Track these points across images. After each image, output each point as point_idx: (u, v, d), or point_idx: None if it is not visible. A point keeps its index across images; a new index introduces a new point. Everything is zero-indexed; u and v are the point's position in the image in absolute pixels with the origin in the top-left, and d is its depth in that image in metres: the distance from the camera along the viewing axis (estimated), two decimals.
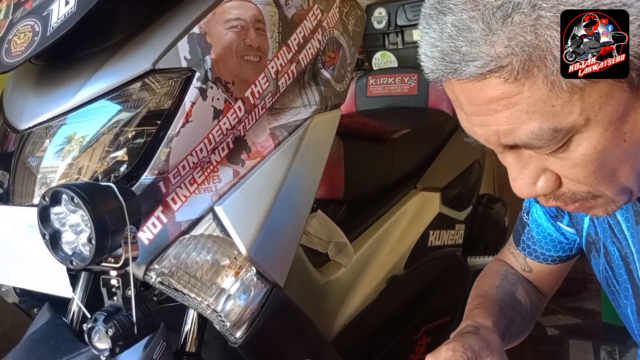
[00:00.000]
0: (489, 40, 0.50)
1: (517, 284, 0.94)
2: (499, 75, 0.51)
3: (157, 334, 0.85)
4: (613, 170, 0.56)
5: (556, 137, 0.53)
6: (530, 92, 0.51)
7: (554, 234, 0.90)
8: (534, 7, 0.49)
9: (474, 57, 0.51)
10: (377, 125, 1.59)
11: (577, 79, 0.50)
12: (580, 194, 0.59)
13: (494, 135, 0.56)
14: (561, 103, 0.51)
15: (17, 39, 0.86)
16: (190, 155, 0.88)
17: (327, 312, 1.28)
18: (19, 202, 0.89)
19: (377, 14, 2.44)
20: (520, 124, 0.53)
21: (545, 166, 0.58)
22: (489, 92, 0.52)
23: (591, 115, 0.52)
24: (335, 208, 1.49)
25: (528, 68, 0.50)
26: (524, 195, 0.60)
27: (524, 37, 0.49)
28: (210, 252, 0.90)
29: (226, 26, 0.91)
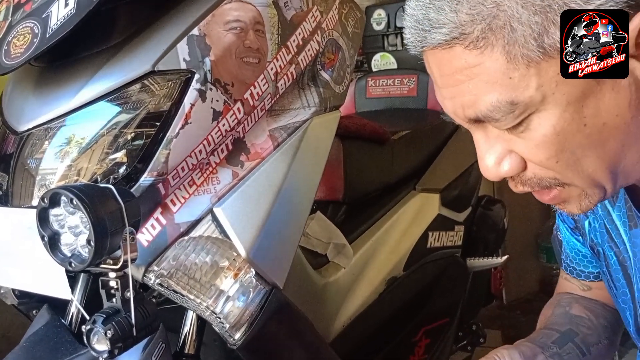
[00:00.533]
0: (454, 8, 0.52)
1: (572, 303, 0.91)
2: (462, 42, 0.53)
3: (156, 336, 0.85)
4: (577, 157, 0.56)
5: (514, 111, 0.54)
6: (490, 62, 0.52)
7: (583, 249, 0.87)
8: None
9: (440, 24, 0.53)
10: (377, 126, 1.59)
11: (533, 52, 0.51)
12: (547, 179, 0.59)
13: (459, 107, 0.57)
14: (519, 75, 0.52)
15: (17, 41, 0.86)
16: (190, 156, 0.88)
17: (326, 314, 1.28)
18: (17, 204, 0.88)
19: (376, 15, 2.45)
20: (481, 95, 0.54)
21: (511, 147, 0.58)
22: (455, 61, 0.54)
23: (548, 92, 0.52)
24: (335, 209, 1.49)
25: (487, 37, 0.52)
26: (491, 176, 0.61)
27: (485, 5, 0.51)
28: (210, 254, 0.90)
29: (225, 28, 0.91)
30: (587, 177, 0.58)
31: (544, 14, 0.50)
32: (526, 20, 0.50)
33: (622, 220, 0.73)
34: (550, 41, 0.51)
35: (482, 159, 0.61)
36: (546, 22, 0.50)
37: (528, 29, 0.50)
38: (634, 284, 0.75)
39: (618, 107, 0.53)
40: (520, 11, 0.50)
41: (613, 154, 0.56)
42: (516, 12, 0.50)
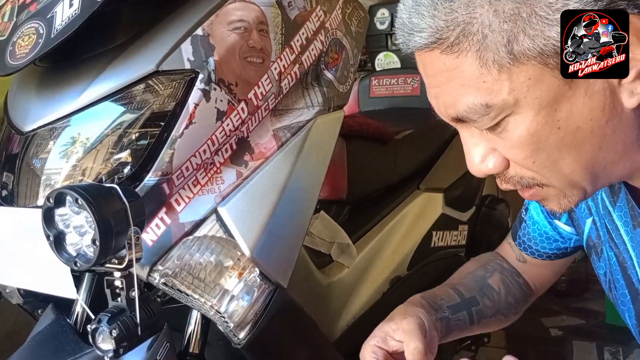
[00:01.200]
0: (432, 14, 0.55)
1: (495, 272, 0.97)
2: (439, 47, 0.56)
3: (160, 335, 0.85)
4: (554, 158, 0.58)
5: (489, 113, 0.56)
6: (465, 66, 0.55)
7: (550, 232, 0.92)
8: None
9: (421, 29, 0.56)
10: (380, 126, 1.59)
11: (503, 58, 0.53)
12: (527, 179, 0.62)
13: (442, 106, 0.60)
14: (491, 80, 0.54)
15: (22, 41, 0.86)
16: (194, 156, 0.88)
17: (330, 313, 1.28)
18: (23, 204, 0.89)
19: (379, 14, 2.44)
20: (459, 96, 0.57)
21: (493, 146, 0.61)
22: (435, 64, 0.57)
23: (520, 96, 0.54)
24: (338, 209, 1.49)
25: (461, 43, 0.54)
26: (476, 173, 0.64)
27: (459, 12, 0.54)
28: (214, 253, 0.90)
29: (229, 28, 0.91)
30: (565, 178, 0.60)
31: (513, 22, 0.52)
32: (496, 28, 0.52)
33: (623, 220, 0.73)
34: (520, 48, 0.52)
35: (468, 155, 0.64)
36: (515, 30, 0.52)
37: (498, 36, 0.53)
38: (635, 284, 0.75)
39: (591, 111, 0.55)
40: (491, 19, 0.52)
41: (590, 155, 0.58)
42: (487, 19, 0.53)
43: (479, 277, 0.96)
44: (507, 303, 0.96)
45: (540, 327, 2.39)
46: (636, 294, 0.75)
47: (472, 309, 0.91)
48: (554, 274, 1.00)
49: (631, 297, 0.76)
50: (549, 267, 0.97)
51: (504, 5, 0.52)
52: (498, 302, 0.94)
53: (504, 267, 0.99)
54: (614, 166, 0.60)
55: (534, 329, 2.38)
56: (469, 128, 0.61)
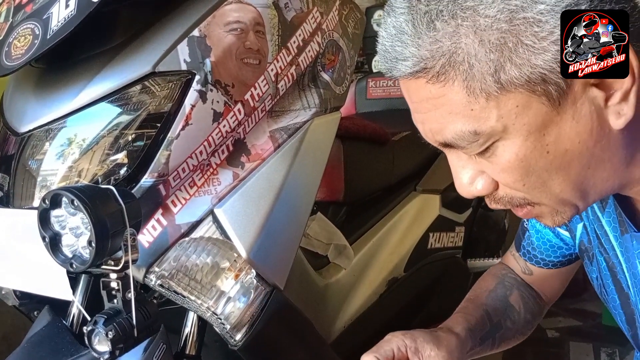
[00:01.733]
0: (416, 43, 0.54)
1: (513, 288, 0.95)
2: (425, 76, 0.55)
3: (157, 337, 0.85)
4: (543, 180, 0.58)
5: (478, 140, 0.56)
6: (452, 94, 0.55)
7: (553, 240, 0.91)
8: (454, 16, 0.52)
9: (405, 57, 0.55)
10: (377, 127, 1.59)
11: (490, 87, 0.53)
12: (517, 199, 0.62)
13: (429, 132, 0.60)
14: (479, 108, 0.54)
15: (18, 42, 0.86)
16: (190, 157, 0.88)
17: (327, 315, 1.28)
18: (19, 205, 0.89)
19: (376, 16, 2.44)
20: (446, 124, 0.57)
21: (481, 169, 0.61)
22: (421, 91, 0.57)
23: (508, 123, 0.54)
24: (335, 210, 1.49)
25: (447, 72, 0.54)
26: (465, 194, 0.63)
27: (444, 42, 0.53)
28: (210, 255, 0.90)
29: (226, 29, 0.91)
30: (555, 197, 0.60)
31: (500, 51, 0.52)
32: (483, 58, 0.52)
33: (611, 226, 0.73)
34: (507, 77, 0.52)
35: (457, 178, 0.63)
36: (502, 59, 0.52)
37: (485, 65, 0.52)
38: (625, 289, 0.75)
39: (579, 134, 0.55)
40: (477, 49, 0.52)
41: (578, 175, 0.58)
42: (473, 49, 0.52)
43: (501, 297, 0.93)
44: (525, 321, 0.94)
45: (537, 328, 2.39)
46: (626, 299, 0.76)
47: (496, 335, 0.89)
48: (561, 283, 0.99)
49: (621, 302, 0.77)
50: (556, 276, 0.96)
51: (490, 35, 0.52)
52: (518, 322, 0.93)
53: (519, 281, 0.97)
54: (604, 183, 0.60)
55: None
56: (456, 152, 0.61)
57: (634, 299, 0.74)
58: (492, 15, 0.51)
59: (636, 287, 0.72)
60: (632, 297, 0.74)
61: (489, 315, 0.89)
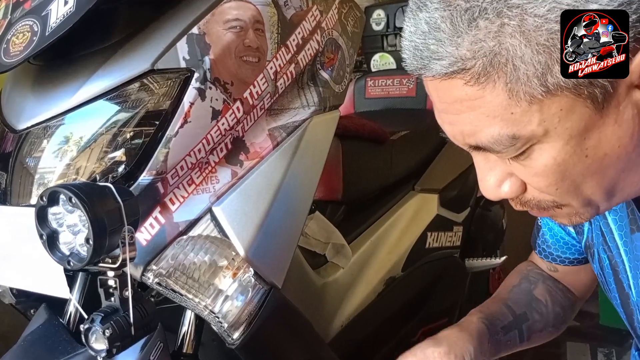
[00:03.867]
0: (454, 42, 0.51)
1: (538, 282, 0.94)
2: (462, 77, 0.52)
3: (154, 335, 0.85)
4: (577, 184, 0.56)
5: (515, 144, 0.54)
6: (491, 97, 0.52)
7: (565, 237, 0.89)
8: (499, 14, 0.49)
9: (440, 56, 0.52)
10: (376, 126, 1.59)
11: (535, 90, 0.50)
12: (545, 202, 0.60)
13: (459, 134, 0.57)
14: (520, 111, 0.52)
15: (16, 39, 0.85)
16: (189, 155, 0.88)
17: (325, 314, 1.28)
18: (16, 203, 0.88)
19: (375, 15, 2.44)
20: (482, 127, 0.54)
21: (510, 171, 0.59)
22: (455, 92, 0.54)
23: (550, 127, 0.52)
24: (334, 209, 1.49)
25: (489, 73, 0.51)
26: (491, 197, 0.61)
27: (487, 42, 0.50)
28: (208, 253, 0.90)
29: (225, 27, 0.91)
30: (584, 200, 0.59)
31: (548, 53, 0.49)
32: (529, 59, 0.50)
33: (617, 225, 0.73)
34: (554, 80, 0.50)
35: (483, 180, 0.61)
36: (550, 62, 0.50)
37: (531, 67, 0.50)
38: (626, 288, 0.75)
39: (620, 139, 0.54)
40: (524, 50, 0.49)
41: (612, 179, 0.57)
42: (519, 50, 0.49)
43: (525, 290, 0.92)
44: (555, 314, 0.92)
45: None
46: (626, 299, 0.75)
47: (522, 326, 0.88)
48: (591, 278, 0.95)
49: (621, 301, 0.77)
50: (582, 271, 0.94)
51: (538, 35, 0.49)
52: (546, 315, 0.91)
53: (544, 275, 0.96)
54: (633, 186, 0.59)
55: None
56: (485, 154, 0.59)
57: (634, 299, 0.73)
58: (541, 14, 0.49)
59: (638, 287, 0.72)
60: (632, 297, 0.74)
61: (509, 308, 0.88)
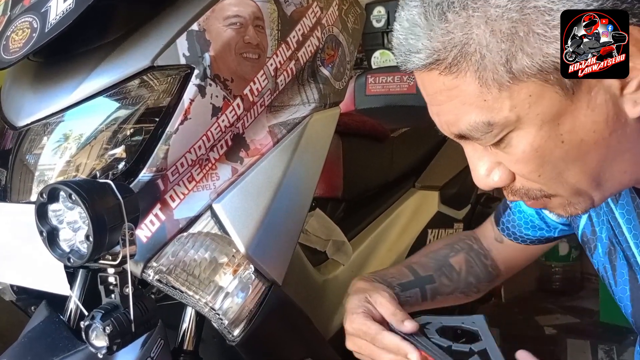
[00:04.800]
0: (428, 35, 0.55)
1: (461, 252, 0.99)
2: (438, 67, 0.56)
3: (154, 332, 0.85)
4: (559, 170, 0.58)
5: (492, 131, 0.57)
6: (465, 86, 0.55)
7: (537, 221, 0.92)
8: (465, 7, 0.53)
9: (418, 49, 0.56)
10: (376, 123, 1.59)
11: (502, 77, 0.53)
12: (534, 191, 0.62)
13: (445, 124, 0.61)
14: (492, 98, 0.54)
15: (15, 36, 0.85)
16: (189, 152, 0.88)
17: (325, 311, 1.28)
18: (16, 199, 0.88)
19: (376, 12, 2.44)
20: (461, 115, 0.57)
21: (498, 160, 0.61)
22: (435, 83, 0.58)
23: (522, 113, 0.55)
24: (334, 206, 1.49)
25: (459, 63, 0.54)
26: (482, 186, 0.64)
27: (456, 34, 0.54)
28: (209, 250, 0.90)
29: (225, 23, 0.90)
30: (571, 188, 0.60)
31: (511, 41, 0.52)
32: (494, 48, 0.52)
33: (625, 218, 0.73)
34: (519, 66, 0.52)
35: (474, 170, 0.64)
36: (513, 49, 0.52)
37: (496, 55, 0.53)
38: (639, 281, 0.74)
39: (595, 123, 0.55)
40: (489, 39, 0.52)
41: (595, 166, 0.58)
42: (484, 39, 0.53)
43: (440, 256, 0.98)
44: (467, 282, 0.98)
45: (535, 325, 2.40)
46: (637, 290, 0.75)
47: (425, 287, 0.93)
48: (526, 259, 1.02)
49: (630, 293, 0.76)
50: (524, 251, 0.99)
51: (501, 25, 0.52)
52: (457, 282, 0.96)
53: (473, 247, 1.00)
54: (623, 175, 0.60)
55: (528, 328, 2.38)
56: (472, 144, 0.62)
57: None
58: (502, 5, 0.52)
59: None
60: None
61: (412, 269, 0.94)
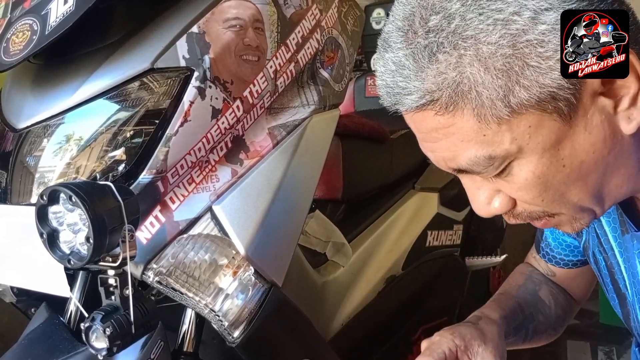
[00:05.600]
0: (419, 77, 0.54)
1: (542, 284, 0.95)
2: (432, 107, 0.54)
3: (154, 334, 0.85)
4: (561, 192, 0.58)
5: (493, 164, 0.56)
6: (462, 123, 0.54)
7: (568, 240, 0.90)
8: (455, 46, 0.52)
9: (409, 91, 0.55)
10: (376, 125, 1.59)
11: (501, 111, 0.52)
12: (536, 213, 0.62)
13: (441, 160, 0.60)
14: (491, 133, 0.54)
15: (16, 38, 0.85)
16: (189, 154, 0.88)
17: (325, 312, 1.28)
18: (16, 202, 0.88)
19: (375, 14, 2.44)
20: (459, 151, 0.56)
21: (497, 188, 0.61)
22: (429, 122, 0.56)
23: (523, 143, 0.54)
24: (334, 208, 1.49)
25: (455, 102, 0.53)
26: (483, 214, 0.63)
27: (448, 74, 0.53)
28: (208, 252, 0.90)
29: (225, 25, 0.91)
30: (574, 206, 0.60)
31: (507, 76, 0.51)
32: (490, 84, 0.52)
33: (611, 227, 0.74)
34: (517, 100, 0.52)
35: (473, 200, 0.63)
36: (510, 83, 0.52)
37: (493, 91, 0.52)
38: (622, 289, 0.75)
39: (593, 145, 0.55)
40: (483, 76, 0.52)
41: (595, 183, 0.58)
42: (479, 77, 0.52)
43: (531, 291, 0.93)
44: (557, 316, 0.94)
45: None
46: (623, 299, 0.76)
47: (529, 326, 0.89)
48: (588, 281, 0.97)
49: (619, 301, 0.77)
50: (579, 276, 0.95)
51: (495, 61, 0.51)
52: (549, 317, 0.93)
53: (546, 278, 0.97)
54: (619, 189, 0.60)
55: None
56: (470, 175, 0.61)
57: (630, 299, 0.74)
58: (494, 41, 0.51)
59: (634, 287, 0.72)
60: (629, 298, 0.74)
61: (520, 307, 0.89)
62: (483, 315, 0.82)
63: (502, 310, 0.85)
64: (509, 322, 0.84)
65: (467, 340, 0.75)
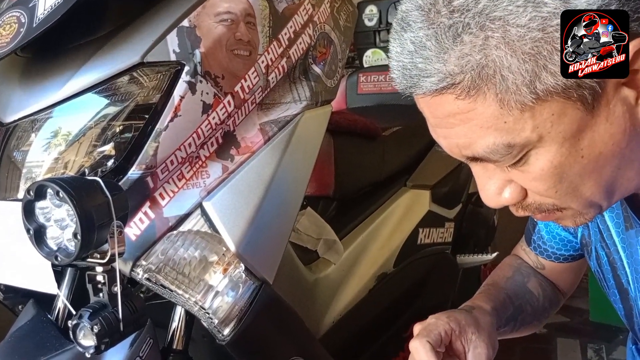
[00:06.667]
0: (441, 58, 0.52)
1: (530, 275, 0.95)
2: (453, 91, 0.52)
3: (143, 331, 0.84)
4: (576, 185, 0.57)
5: (511, 152, 0.54)
6: (483, 108, 0.52)
7: (562, 233, 0.90)
8: (482, 27, 0.50)
9: (429, 74, 0.53)
10: (368, 122, 1.58)
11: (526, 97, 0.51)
12: (546, 205, 0.60)
13: (455, 147, 0.58)
14: (513, 120, 0.52)
15: (3, 30, 0.84)
16: (179, 150, 0.87)
17: (316, 310, 1.28)
18: (3, 197, 0.87)
19: (368, 11, 2.43)
20: (476, 138, 0.55)
21: (509, 178, 0.59)
22: (447, 107, 0.54)
23: (544, 132, 0.53)
24: (325, 205, 1.48)
25: (478, 86, 0.51)
26: (492, 205, 0.61)
27: (473, 56, 0.51)
28: (199, 248, 0.89)
29: (216, 19, 0.90)
30: (585, 201, 0.59)
31: (534, 60, 0.50)
32: (516, 69, 0.50)
33: (614, 222, 0.73)
34: (543, 86, 0.51)
35: (483, 189, 0.61)
36: (537, 69, 0.50)
37: (519, 76, 0.50)
38: (624, 284, 0.75)
39: (613, 136, 0.54)
40: (510, 60, 0.50)
41: (609, 177, 0.57)
42: (505, 61, 0.50)
43: (520, 283, 0.93)
44: (543, 308, 0.93)
45: None
46: (625, 295, 0.76)
47: (518, 318, 0.89)
48: (575, 276, 0.98)
49: (621, 297, 0.77)
50: (568, 270, 0.95)
51: (523, 45, 0.49)
52: (537, 308, 0.92)
53: (535, 270, 0.97)
54: (630, 182, 0.59)
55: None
56: (483, 163, 0.59)
57: (633, 294, 0.74)
58: (523, 24, 0.49)
59: (637, 283, 0.72)
60: (631, 293, 0.74)
61: (510, 299, 0.89)
62: (476, 306, 0.82)
63: (493, 302, 0.85)
64: (499, 314, 0.84)
65: (462, 325, 0.75)
